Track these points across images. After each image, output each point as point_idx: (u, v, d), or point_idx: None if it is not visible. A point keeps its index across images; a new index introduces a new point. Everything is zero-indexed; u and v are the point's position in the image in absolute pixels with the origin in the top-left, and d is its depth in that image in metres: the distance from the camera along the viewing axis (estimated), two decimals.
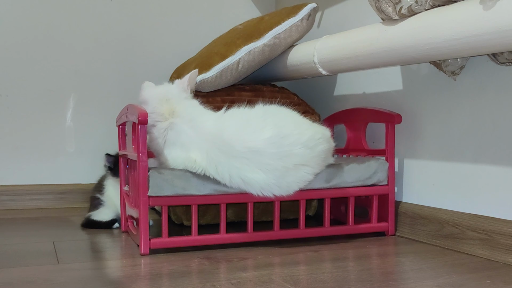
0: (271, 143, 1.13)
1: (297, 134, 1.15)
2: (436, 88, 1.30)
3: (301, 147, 1.15)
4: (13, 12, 1.78)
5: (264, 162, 1.13)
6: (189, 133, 1.19)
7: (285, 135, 1.14)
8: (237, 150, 1.13)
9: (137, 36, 1.93)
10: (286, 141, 1.14)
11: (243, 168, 1.14)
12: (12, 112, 1.78)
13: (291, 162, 1.15)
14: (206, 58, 1.51)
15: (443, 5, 1.04)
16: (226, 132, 1.16)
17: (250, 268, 1.04)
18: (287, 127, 1.15)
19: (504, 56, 1.08)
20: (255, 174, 1.14)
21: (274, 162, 1.13)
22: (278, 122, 1.16)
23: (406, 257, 1.15)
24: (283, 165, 1.14)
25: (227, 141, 1.14)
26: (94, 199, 1.52)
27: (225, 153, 1.14)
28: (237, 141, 1.13)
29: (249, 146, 1.12)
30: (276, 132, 1.14)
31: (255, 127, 1.15)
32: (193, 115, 1.22)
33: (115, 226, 1.46)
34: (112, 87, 1.90)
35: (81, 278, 0.97)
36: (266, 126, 1.15)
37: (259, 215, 1.51)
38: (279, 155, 1.13)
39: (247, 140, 1.13)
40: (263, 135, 1.13)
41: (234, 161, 1.14)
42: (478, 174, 1.19)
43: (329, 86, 1.74)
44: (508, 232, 1.09)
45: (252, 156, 1.13)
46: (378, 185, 1.34)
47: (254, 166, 1.13)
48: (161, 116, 1.22)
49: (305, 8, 1.51)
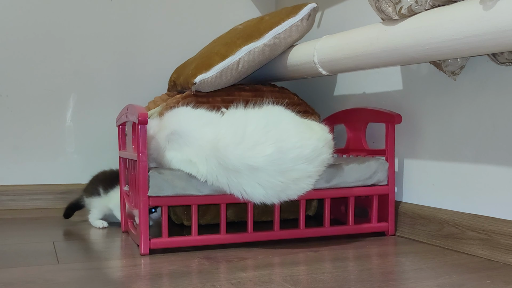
0: (271, 160, 1.09)
1: (300, 147, 1.11)
2: (436, 88, 1.30)
3: (303, 162, 1.12)
4: (13, 12, 1.78)
5: (264, 179, 1.11)
6: (189, 140, 1.18)
7: (287, 150, 1.10)
8: (234, 165, 1.10)
9: (137, 36, 1.93)
10: (287, 156, 1.10)
11: (242, 183, 1.12)
12: (12, 112, 1.79)
13: (292, 177, 1.12)
14: (206, 58, 1.51)
15: (443, 5, 1.04)
16: (222, 141, 1.12)
17: (250, 268, 1.04)
18: (289, 140, 1.11)
19: (504, 56, 1.09)
20: (255, 189, 1.12)
21: (274, 179, 1.11)
22: (280, 136, 1.11)
23: (406, 257, 1.15)
24: (283, 181, 1.12)
25: (224, 153, 1.11)
26: (92, 187, 1.54)
27: (223, 166, 1.12)
28: (234, 155, 1.10)
29: (248, 163, 1.09)
30: (277, 148, 1.09)
31: (255, 140, 1.11)
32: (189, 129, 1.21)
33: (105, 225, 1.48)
34: (112, 87, 1.90)
35: (81, 278, 0.97)
36: (267, 140, 1.10)
37: (259, 215, 1.51)
38: (280, 171, 1.11)
39: (246, 156, 1.09)
40: (263, 152, 1.09)
41: (232, 175, 1.12)
42: (478, 174, 1.19)
43: (329, 86, 1.74)
44: (508, 232, 1.09)
45: (251, 173, 1.10)
46: (378, 185, 1.34)
47: (253, 181, 1.11)
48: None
49: (305, 8, 1.52)
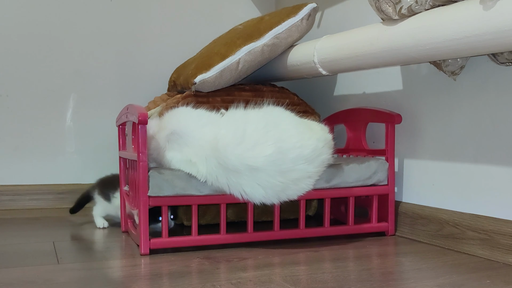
0: (271, 161, 1.09)
1: (299, 148, 1.11)
2: (436, 88, 1.30)
3: (303, 162, 1.12)
4: (13, 12, 1.78)
5: (264, 179, 1.11)
6: (188, 140, 1.18)
7: (286, 150, 1.10)
8: (234, 165, 1.10)
9: (137, 36, 1.93)
10: (287, 156, 1.10)
11: (242, 183, 1.12)
12: (12, 112, 1.78)
13: (292, 177, 1.13)
14: (206, 58, 1.51)
15: (443, 5, 1.04)
16: (222, 142, 1.12)
17: (250, 268, 1.04)
18: (289, 140, 1.11)
19: (504, 56, 1.08)
20: (254, 189, 1.12)
21: (274, 179, 1.11)
22: (279, 135, 1.11)
23: (406, 257, 1.15)
24: (283, 181, 1.12)
25: (224, 154, 1.11)
26: (105, 187, 1.53)
27: (223, 166, 1.12)
28: (234, 156, 1.10)
29: (248, 164, 1.09)
30: (277, 148, 1.10)
31: (255, 141, 1.11)
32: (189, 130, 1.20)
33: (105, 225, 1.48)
34: (112, 87, 1.90)
35: (81, 278, 0.97)
36: (267, 140, 1.10)
37: (259, 215, 1.51)
38: (280, 172, 1.11)
39: (246, 156, 1.09)
40: (263, 152, 1.09)
41: (232, 176, 1.12)
42: (478, 174, 1.19)
43: (329, 86, 1.74)
44: (508, 232, 1.09)
45: (251, 173, 1.10)
46: (378, 185, 1.34)
47: (253, 181, 1.11)
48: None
49: (305, 8, 1.51)
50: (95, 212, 1.51)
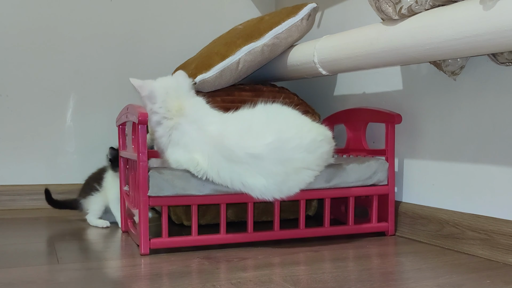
0: (272, 148, 1.12)
1: (299, 138, 1.14)
2: (436, 88, 1.30)
3: (302, 151, 1.14)
4: (13, 12, 1.78)
5: (265, 167, 1.12)
6: (192, 135, 1.16)
7: (286, 139, 1.13)
8: (238, 155, 1.12)
9: (137, 36, 1.93)
10: (287, 145, 1.13)
11: (244, 174, 1.13)
12: (12, 112, 1.79)
13: (293, 166, 1.14)
14: (206, 58, 1.51)
15: (443, 5, 1.04)
16: (228, 137, 1.14)
17: (250, 268, 1.04)
18: (288, 131, 1.14)
19: (504, 56, 1.09)
20: (256, 179, 1.13)
21: (275, 167, 1.12)
22: (279, 126, 1.15)
23: (406, 257, 1.15)
24: (284, 170, 1.13)
25: (228, 146, 1.13)
26: (88, 186, 1.55)
27: (227, 158, 1.13)
28: (238, 146, 1.13)
29: (250, 152, 1.12)
30: (277, 137, 1.13)
31: (256, 132, 1.14)
32: (198, 116, 1.19)
33: (106, 225, 1.48)
34: (112, 87, 1.90)
35: (81, 278, 0.97)
36: (267, 131, 1.14)
37: (259, 215, 1.51)
38: (280, 160, 1.13)
39: (247, 146, 1.12)
40: (264, 141, 1.12)
41: (235, 166, 1.13)
42: (478, 174, 1.19)
43: (329, 86, 1.74)
44: (508, 232, 1.09)
45: (252, 161, 1.12)
46: (378, 185, 1.34)
47: (254, 171, 1.13)
48: (169, 112, 1.17)
49: (305, 8, 1.52)
50: (90, 218, 1.51)
